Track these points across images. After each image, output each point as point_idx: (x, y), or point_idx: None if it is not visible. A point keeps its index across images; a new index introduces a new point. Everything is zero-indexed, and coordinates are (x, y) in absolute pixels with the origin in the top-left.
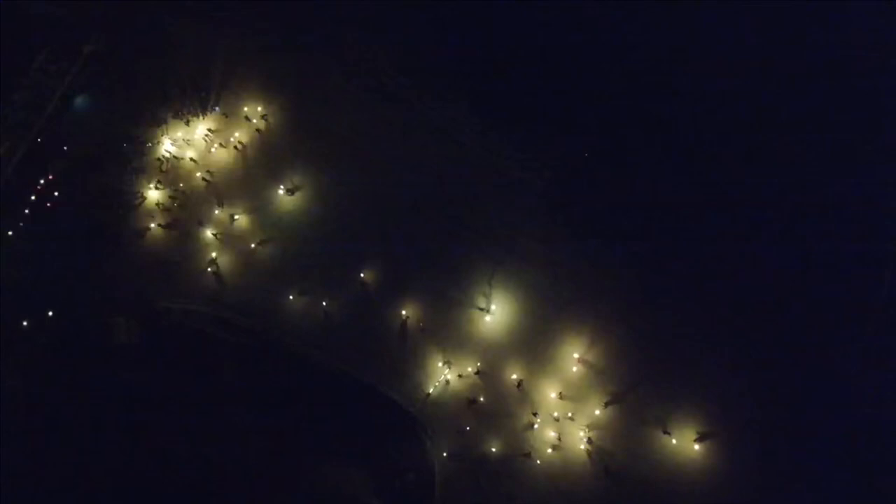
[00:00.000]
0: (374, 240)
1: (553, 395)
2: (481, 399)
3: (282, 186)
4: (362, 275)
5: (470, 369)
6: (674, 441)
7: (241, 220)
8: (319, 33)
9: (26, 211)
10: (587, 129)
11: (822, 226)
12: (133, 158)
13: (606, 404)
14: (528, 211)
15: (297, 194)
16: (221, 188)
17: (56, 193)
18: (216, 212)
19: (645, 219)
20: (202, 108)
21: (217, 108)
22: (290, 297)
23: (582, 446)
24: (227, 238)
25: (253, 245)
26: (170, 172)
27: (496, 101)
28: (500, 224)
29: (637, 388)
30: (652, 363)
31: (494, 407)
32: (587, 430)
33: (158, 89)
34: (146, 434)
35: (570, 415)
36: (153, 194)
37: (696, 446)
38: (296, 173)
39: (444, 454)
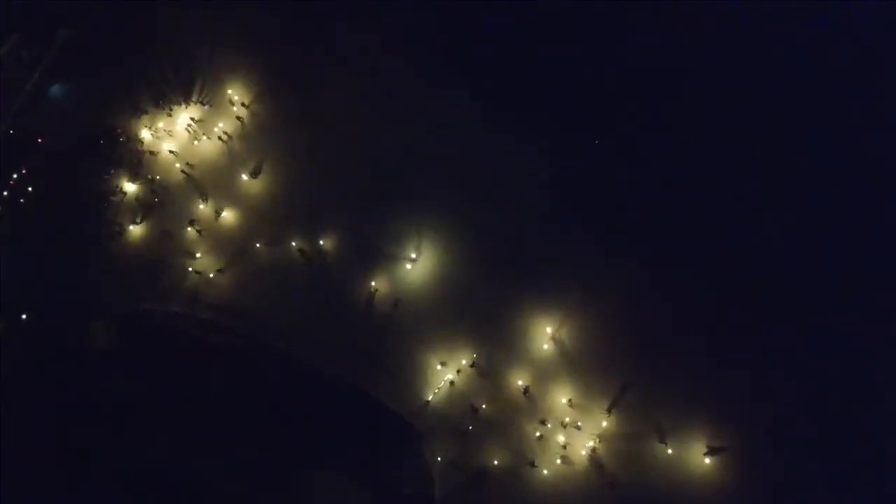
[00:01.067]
0: (367, 230)
1: (564, 401)
2: (483, 406)
3: (245, 174)
4: (371, 283)
5: (464, 361)
6: (669, 451)
7: (228, 215)
8: (311, 19)
9: None
10: (593, 118)
11: (834, 226)
12: (112, 151)
13: (609, 410)
14: (529, 201)
15: (285, 186)
16: (206, 182)
17: (30, 188)
18: (200, 207)
19: (651, 215)
20: (185, 98)
21: (207, 106)
22: (258, 246)
23: (584, 452)
24: (213, 235)
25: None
26: (150, 166)
27: (497, 89)
28: (501, 213)
29: (645, 399)
30: (660, 371)
31: (498, 414)
32: (596, 440)
33: (139, 77)
34: (129, 445)
35: (578, 423)
36: (133, 189)
37: (707, 460)
38: (285, 165)
39: (445, 465)
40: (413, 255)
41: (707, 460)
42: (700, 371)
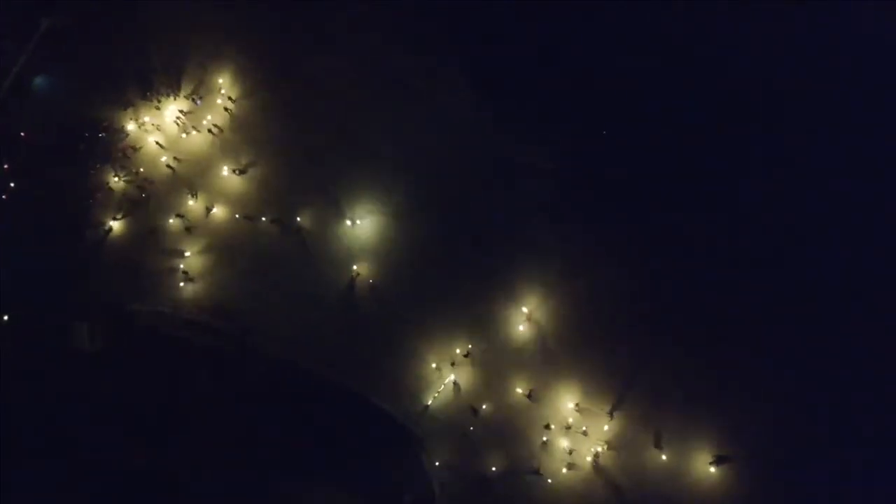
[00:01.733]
0: (360, 223)
1: (570, 405)
2: (484, 406)
3: (235, 169)
4: (355, 268)
5: (458, 351)
6: (664, 457)
7: (218, 211)
8: (307, 10)
9: None
10: (593, 114)
11: (834, 226)
12: (97, 146)
13: (611, 414)
14: (527, 197)
15: (278, 182)
16: (195, 177)
17: (12, 185)
18: (190, 203)
19: (650, 215)
20: (174, 90)
21: (199, 102)
22: (237, 216)
23: (589, 458)
24: (202, 233)
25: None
26: (137, 161)
27: (499, 79)
28: (499, 208)
29: (647, 402)
30: (659, 373)
31: (500, 418)
32: (604, 446)
33: (126, 69)
34: (115, 452)
35: (584, 429)
36: (119, 185)
37: (713, 469)
38: (277, 160)
39: (445, 471)
40: (407, 248)
41: (713, 469)
42: (700, 373)
